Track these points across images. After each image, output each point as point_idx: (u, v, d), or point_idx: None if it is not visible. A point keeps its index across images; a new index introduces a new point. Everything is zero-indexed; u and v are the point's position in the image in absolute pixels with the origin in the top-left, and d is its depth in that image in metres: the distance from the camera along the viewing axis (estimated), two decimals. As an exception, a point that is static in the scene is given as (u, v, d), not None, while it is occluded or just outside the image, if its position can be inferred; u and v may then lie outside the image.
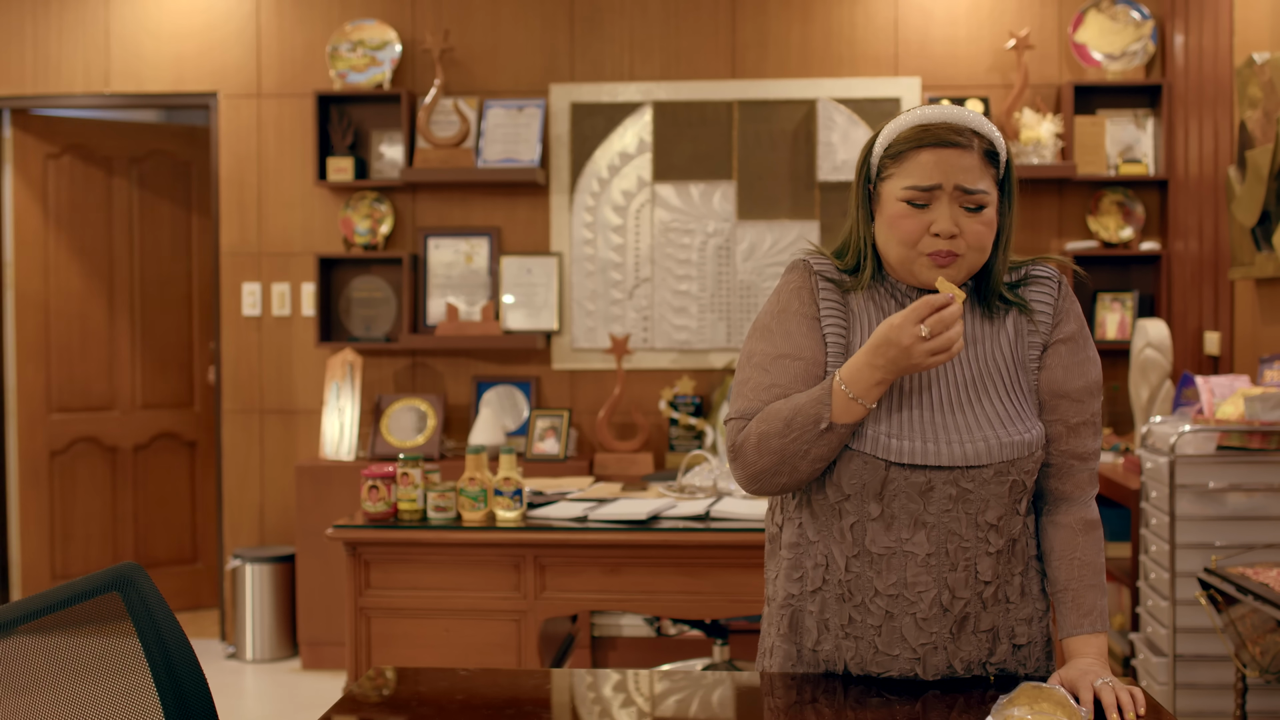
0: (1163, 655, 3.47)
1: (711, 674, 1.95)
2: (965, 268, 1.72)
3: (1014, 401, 1.76)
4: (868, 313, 1.78)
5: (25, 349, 5.47)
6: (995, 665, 1.81)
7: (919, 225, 1.70)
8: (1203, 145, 4.56)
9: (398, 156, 5.23)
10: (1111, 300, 4.98)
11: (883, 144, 1.76)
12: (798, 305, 1.79)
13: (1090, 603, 1.77)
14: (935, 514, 1.72)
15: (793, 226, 5.12)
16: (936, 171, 1.68)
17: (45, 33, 5.35)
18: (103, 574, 1.79)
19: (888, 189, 1.73)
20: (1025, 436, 1.73)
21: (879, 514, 1.73)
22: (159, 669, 1.80)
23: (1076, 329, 1.81)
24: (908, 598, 1.74)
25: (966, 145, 1.69)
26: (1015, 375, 1.78)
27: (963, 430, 1.72)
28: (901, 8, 5.12)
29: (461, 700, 1.78)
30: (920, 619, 1.75)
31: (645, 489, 3.66)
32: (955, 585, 1.74)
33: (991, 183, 1.72)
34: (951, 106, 1.74)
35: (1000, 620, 1.79)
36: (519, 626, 3.12)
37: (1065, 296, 1.81)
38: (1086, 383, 1.79)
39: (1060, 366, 1.78)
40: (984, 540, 1.75)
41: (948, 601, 1.74)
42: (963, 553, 1.74)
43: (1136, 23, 5.00)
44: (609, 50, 5.21)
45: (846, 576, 1.76)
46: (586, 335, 5.19)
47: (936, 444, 1.71)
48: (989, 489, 1.72)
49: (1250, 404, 3.38)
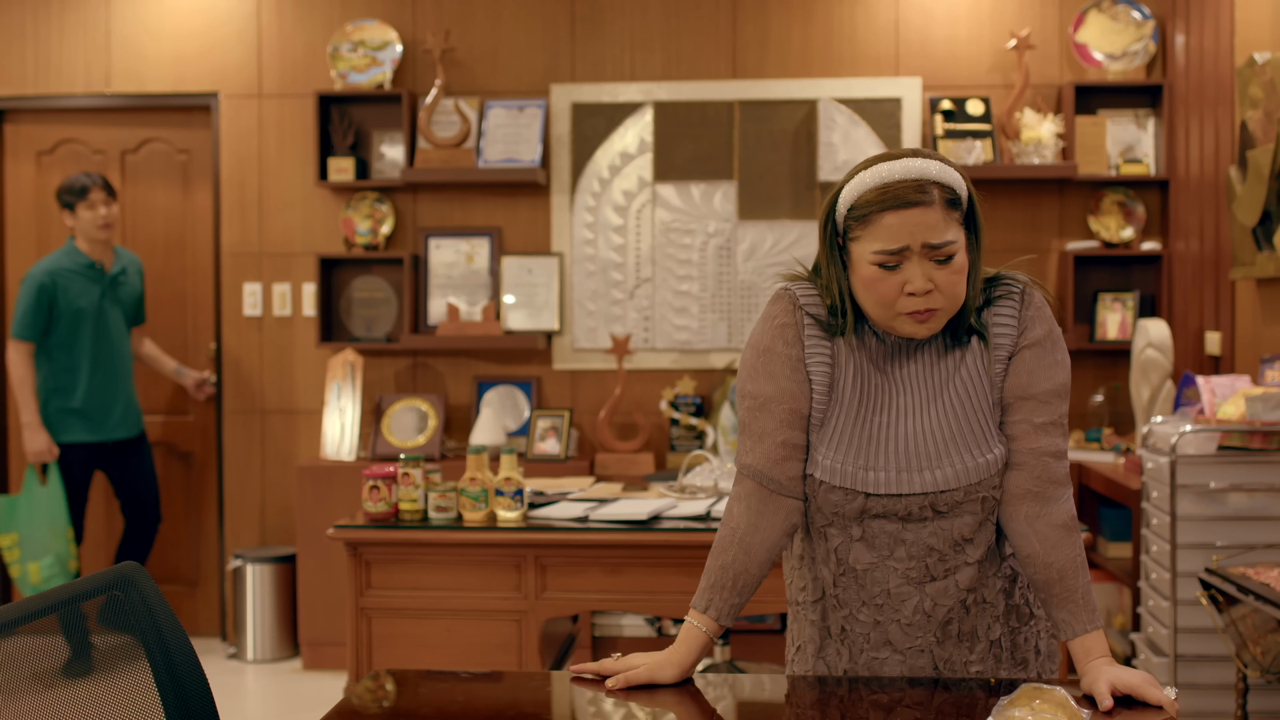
0: (1164, 655, 3.47)
1: (712, 674, 1.95)
2: (944, 318, 1.78)
3: (979, 424, 1.81)
4: (853, 358, 1.83)
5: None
6: (976, 663, 1.86)
7: (894, 286, 1.74)
8: (1204, 145, 4.55)
9: (399, 157, 5.23)
10: (1112, 300, 4.98)
11: (845, 204, 1.78)
12: (782, 347, 1.84)
13: (1091, 600, 1.79)
14: (913, 533, 1.81)
15: (794, 227, 5.11)
16: (903, 233, 1.71)
17: (46, 33, 5.35)
18: (103, 574, 1.79)
19: (857, 251, 1.77)
20: (989, 457, 1.80)
21: (860, 535, 1.83)
22: (159, 669, 1.80)
23: (1044, 334, 1.83)
24: (892, 605, 1.84)
25: (928, 202, 1.72)
26: (981, 396, 1.82)
27: (933, 457, 1.79)
28: (902, 8, 5.12)
29: (462, 702, 1.78)
30: (905, 624, 1.84)
31: (646, 489, 3.66)
32: (936, 594, 1.83)
33: (957, 227, 1.75)
34: (908, 159, 1.75)
35: (979, 621, 1.87)
36: (520, 627, 3.12)
37: (1030, 305, 1.83)
38: (1053, 385, 1.82)
39: (1025, 371, 1.82)
40: (961, 553, 1.83)
41: (930, 608, 1.83)
42: (941, 565, 1.83)
43: (1137, 23, 5.00)
44: (610, 50, 5.21)
45: (834, 590, 1.87)
46: (587, 335, 5.19)
47: (909, 473, 1.79)
48: (962, 508, 1.80)
49: (1251, 404, 3.38)
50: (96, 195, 4.75)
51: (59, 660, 1.78)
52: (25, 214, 5.49)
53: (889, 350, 1.83)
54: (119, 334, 4.85)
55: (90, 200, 4.73)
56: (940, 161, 1.76)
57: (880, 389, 1.82)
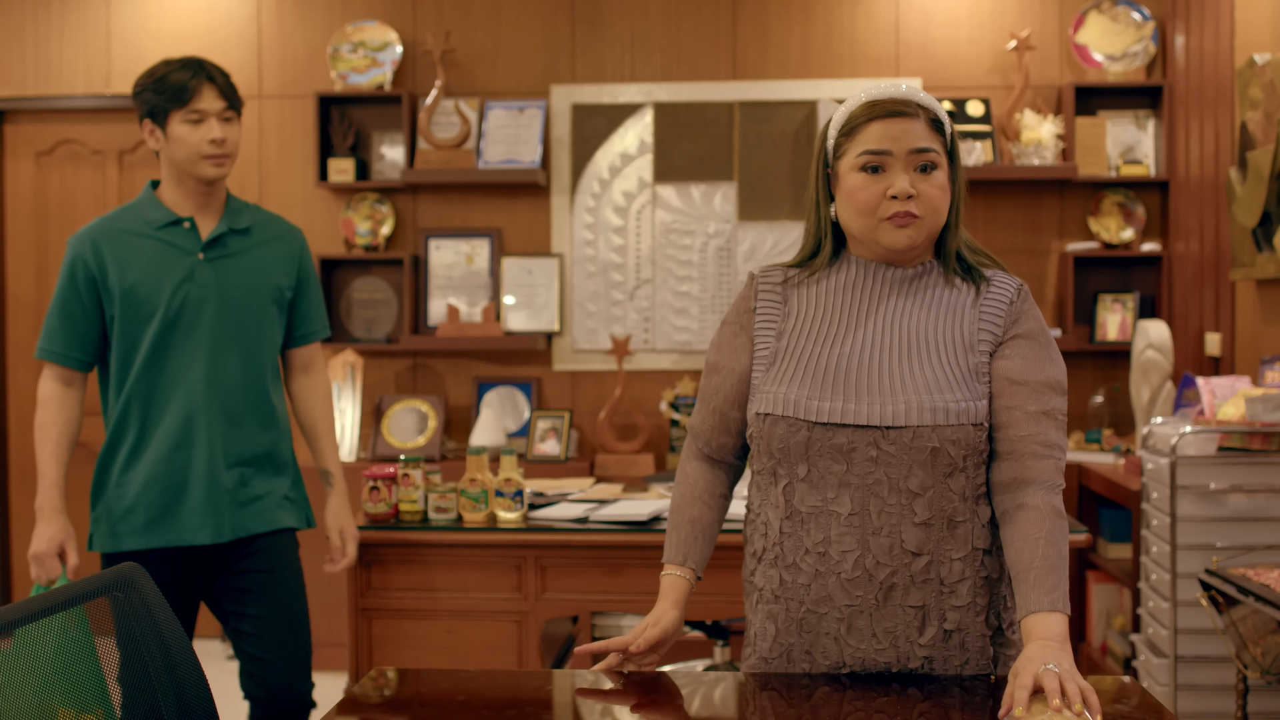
0: (1164, 656, 3.47)
1: (713, 674, 1.95)
2: (925, 229, 1.82)
3: (949, 372, 1.79)
4: (814, 299, 1.88)
5: (16, 351, 5.47)
6: (925, 648, 1.79)
7: (876, 192, 1.80)
8: (1204, 146, 4.56)
9: (399, 157, 5.24)
10: (1112, 301, 4.98)
11: (836, 125, 1.87)
12: (733, 316, 1.94)
13: (1052, 582, 1.69)
14: (858, 476, 1.78)
15: (794, 227, 5.11)
16: (887, 138, 1.79)
17: (46, 34, 5.36)
18: (103, 575, 1.79)
19: (844, 165, 1.84)
20: (952, 405, 1.76)
21: (806, 474, 1.80)
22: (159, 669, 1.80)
23: (1037, 329, 1.85)
24: (833, 556, 1.79)
25: (913, 114, 1.81)
26: (956, 350, 1.81)
27: (885, 393, 1.78)
28: (902, 9, 5.12)
29: (463, 701, 1.78)
30: (845, 580, 1.79)
31: (646, 490, 3.66)
32: (878, 551, 1.77)
33: (940, 148, 1.82)
34: (896, 83, 1.86)
35: (931, 600, 1.79)
36: (520, 627, 3.12)
37: (1025, 300, 1.87)
38: (1046, 377, 1.81)
39: (1020, 357, 1.82)
40: (907, 508, 1.77)
41: (871, 566, 1.78)
42: (885, 517, 1.77)
43: (1137, 24, 5.00)
44: (610, 51, 5.21)
45: (779, 538, 1.83)
46: (587, 336, 5.20)
47: (856, 404, 1.78)
48: (911, 455, 1.76)
49: (1251, 405, 3.38)
50: (209, 100, 2.72)
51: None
52: (25, 215, 5.49)
53: (867, 282, 1.87)
54: (225, 348, 2.75)
55: (197, 106, 2.71)
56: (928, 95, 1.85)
57: (845, 322, 1.85)
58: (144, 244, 2.73)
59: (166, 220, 2.76)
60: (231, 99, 2.77)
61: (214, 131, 2.72)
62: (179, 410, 2.72)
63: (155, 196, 2.79)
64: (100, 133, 5.45)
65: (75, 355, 2.73)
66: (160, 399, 2.72)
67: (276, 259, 2.89)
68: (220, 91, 2.74)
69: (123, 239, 2.73)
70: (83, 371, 2.76)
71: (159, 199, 2.79)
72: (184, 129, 2.72)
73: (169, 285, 2.71)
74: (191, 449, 2.72)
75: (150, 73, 2.75)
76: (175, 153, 2.74)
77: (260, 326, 2.81)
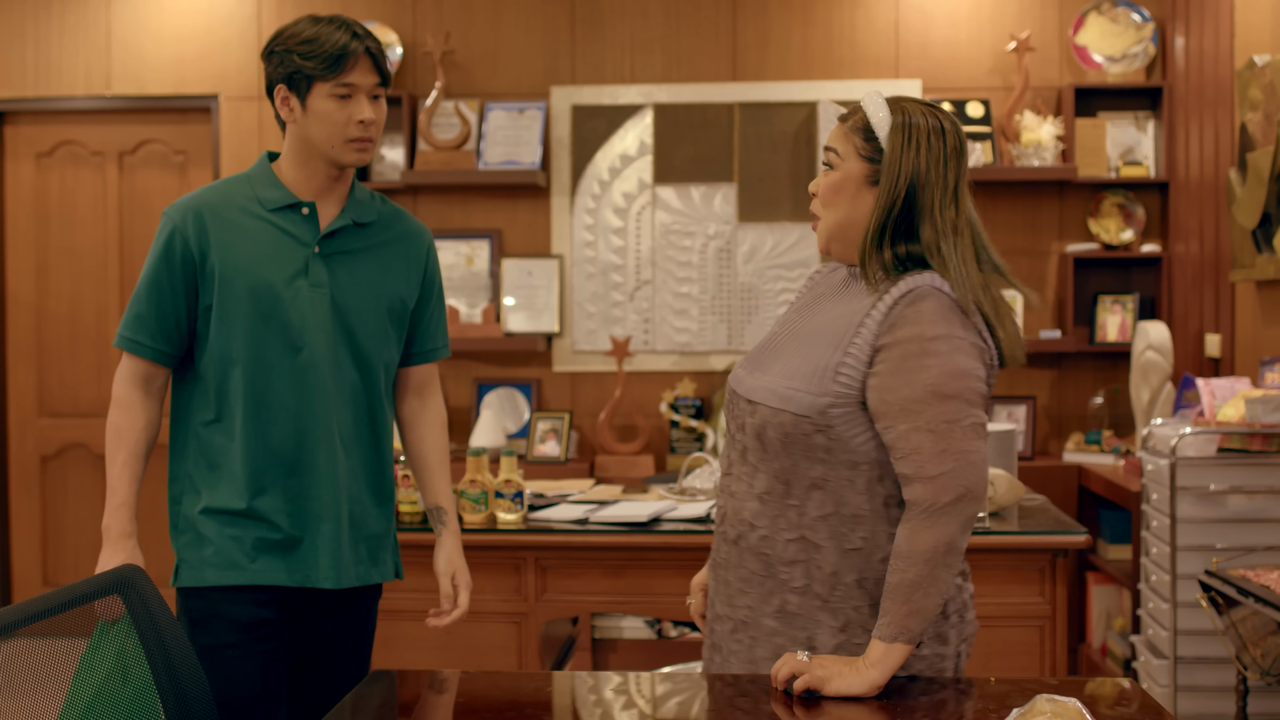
0: (1164, 658, 3.47)
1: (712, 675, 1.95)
2: (822, 227, 1.91)
3: (807, 364, 1.83)
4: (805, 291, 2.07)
5: (16, 352, 5.47)
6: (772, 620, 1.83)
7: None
8: (1203, 147, 4.56)
9: (399, 159, 5.24)
10: (1112, 302, 4.98)
11: None
12: None
13: (885, 606, 1.74)
14: (735, 439, 1.92)
15: (794, 229, 5.12)
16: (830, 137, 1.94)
17: (46, 35, 5.36)
18: (103, 575, 1.79)
19: None
20: (785, 391, 1.83)
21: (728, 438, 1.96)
22: (159, 669, 1.80)
23: (912, 335, 1.76)
24: (719, 514, 1.96)
25: (848, 118, 1.92)
26: (825, 346, 1.84)
27: (770, 369, 1.88)
28: (902, 10, 5.12)
29: (462, 702, 1.78)
30: (719, 533, 1.96)
31: (646, 491, 3.66)
32: (729, 509, 1.92)
33: (853, 150, 1.88)
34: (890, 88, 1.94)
35: (767, 574, 1.86)
36: (520, 629, 3.12)
37: (910, 304, 1.77)
38: (913, 392, 1.74)
39: (888, 372, 1.77)
40: (748, 478, 1.88)
41: (719, 518, 1.95)
42: (735, 481, 1.90)
43: (1137, 25, 5.00)
44: (610, 53, 5.21)
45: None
46: (587, 337, 5.20)
47: (750, 373, 1.91)
48: (764, 431, 1.83)
49: (1251, 406, 3.38)
50: (363, 73, 2.27)
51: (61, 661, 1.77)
52: (25, 216, 5.48)
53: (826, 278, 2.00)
54: (340, 359, 2.33)
55: (349, 80, 2.25)
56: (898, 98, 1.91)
57: (794, 309, 1.99)
58: (255, 226, 2.26)
59: (285, 202, 2.28)
60: (384, 74, 2.29)
61: (364, 111, 2.24)
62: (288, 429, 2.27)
63: (273, 171, 2.32)
64: (100, 134, 5.45)
65: (162, 348, 2.27)
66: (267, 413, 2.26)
67: (399, 262, 2.38)
68: (375, 64, 2.26)
69: (231, 216, 2.26)
70: (168, 367, 2.30)
71: (277, 175, 2.31)
72: (330, 104, 2.23)
73: (280, 280, 2.25)
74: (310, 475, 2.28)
75: (294, 31, 2.27)
76: (313, 130, 2.25)
77: (375, 338, 2.35)
